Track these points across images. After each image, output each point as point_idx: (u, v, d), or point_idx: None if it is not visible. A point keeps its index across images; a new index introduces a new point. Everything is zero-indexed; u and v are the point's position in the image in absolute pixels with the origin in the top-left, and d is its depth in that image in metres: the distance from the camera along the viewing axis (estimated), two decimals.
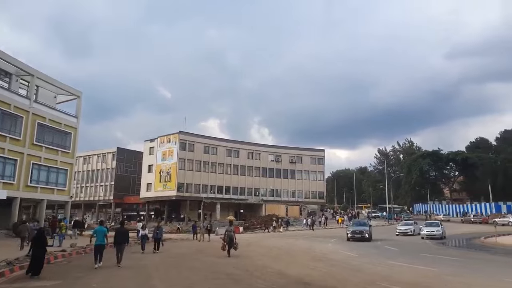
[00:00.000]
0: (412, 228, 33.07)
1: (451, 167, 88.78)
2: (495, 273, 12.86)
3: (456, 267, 14.48)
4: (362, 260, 17.04)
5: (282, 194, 66.76)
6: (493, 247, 22.98)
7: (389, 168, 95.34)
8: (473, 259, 17.73)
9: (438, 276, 12.49)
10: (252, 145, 68.15)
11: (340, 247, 23.27)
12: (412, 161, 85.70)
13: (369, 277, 12.34)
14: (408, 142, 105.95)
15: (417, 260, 16.31)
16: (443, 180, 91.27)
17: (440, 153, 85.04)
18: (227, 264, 15.60)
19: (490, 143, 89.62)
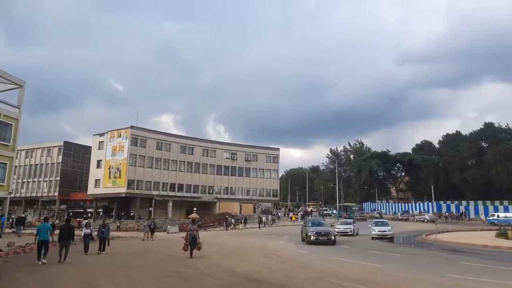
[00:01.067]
0: (351, 228, 31.24)
1: (398, 168, 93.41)
2: (436, 269, 13.46)
3: (401, 263, 15.04)
4: (312, 257, 17.29)
5: (236, 192, 66.66)
6: (433, 244, 24.25)
7: (340, 168, 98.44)
8: (416, 255, 18.55)
9: (384, 272, 12.87)
10: (207, 142, 67.42)
11: (291, 245, 23.53)
12: (362, 161, 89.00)
13: (318, 273, 12.50)
14: (358, 143, 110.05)
15: (365, 257, 16.78)
16: (391, 180, 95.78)
17: (388, 154, 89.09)
18: (177, 262, 15.18)
19: (434, 146, 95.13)
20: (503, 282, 10.84)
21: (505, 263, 15.13)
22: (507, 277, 11.63)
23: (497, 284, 10.67)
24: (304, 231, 25.24)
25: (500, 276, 11.85)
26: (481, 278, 11.33)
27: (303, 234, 25.20)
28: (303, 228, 26.01)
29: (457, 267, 13.92)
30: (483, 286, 10.53)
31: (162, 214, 54.57)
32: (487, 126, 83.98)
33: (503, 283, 10.70)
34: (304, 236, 24.77)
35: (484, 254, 18.32)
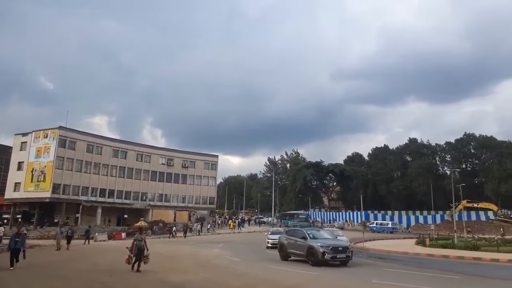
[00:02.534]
0: None
1: (331, 178, 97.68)
2: (364, 275, 14.01)
3: (332, 270, 15.49)
4: (246, 264, 17.22)
5: (171, 199, 64.86)
6: (361, 251, 25.37)
7: (276, 176, 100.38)
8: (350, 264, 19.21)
9: (316, 278, 13.19)
10: (142, 146, 64.96)
11: (225, 253, 23.26)
12: (297, 171, 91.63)
13: (251, 281, 12.43)
14: (295, 153, 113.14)
15: (299, 264, 17.04)
16: (323, 189, 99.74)
17: (322, 165, 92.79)
18: (102, 272, 14.22)
19: (364, 158, 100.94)
20: (419, 286, 11.60)
21: (422, 269, 16.23)
22: (423, 282, 12.48)
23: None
24: (290, 245, 17.98)
25: (418, 280, 12.69)
26: (402, 284, 12.01)
27: (290, 249, 17.98)
28: (286, 239, 18.69)
29: (382, 273, 14.62)
30: None
31: (91, 221, 51.18)
32: (411, 141, 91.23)
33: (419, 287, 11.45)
34: (294, 252, 17.77)
35: (405, 261, 19.52)
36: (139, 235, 14.95)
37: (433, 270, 15.79)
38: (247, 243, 31.94)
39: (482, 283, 12.99)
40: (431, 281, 12.85)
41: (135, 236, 15.23)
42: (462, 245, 24.82)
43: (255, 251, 24.28)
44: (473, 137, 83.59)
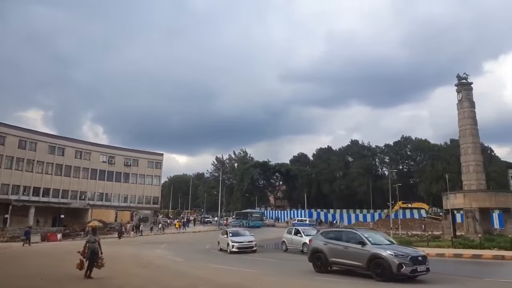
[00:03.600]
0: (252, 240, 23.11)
1: (277, 177, 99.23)
2: (307, 272, 14.06)
3: (273, 268, 15.63)
4: (188, 264, 16.94)
5: (112, 199, 62.13)
6: None
7: (224, 175, 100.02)
8: (289, 260, 19.50)
9: (256, 276, 13.19)
10: (81, 143, 61.56)
11: (168, 253, 22.66)
12: (245, 170, 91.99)
13: (192, 281, 12.21)
14: (243, 152, 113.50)
15: (240, 263, 17.00)
16: (270, 188, 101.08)
17: (269, 164, 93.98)
18: (31, 276, 13.14)
19: (309, 158, 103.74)
20: (357, 281, 12.04)
21: None
22: (363, 276, 12.94)
23: (353, 283, 11.79)
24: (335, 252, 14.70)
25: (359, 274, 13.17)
26: (344, 279, 12.36)
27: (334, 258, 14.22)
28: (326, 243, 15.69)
29: None
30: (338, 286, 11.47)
31: (22, 222, 47.51)
32: (353, 143, 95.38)
33: (356, 282, 11.89)
34: None
35: None
36: (93, 236, 13.28)
37: None
38: (191, 243, 31.45)
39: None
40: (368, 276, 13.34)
41: (88, 237, 13.63)
42: (397, 241, 26.11)
43: (199, 251, 23.92)
44: (410, 140, 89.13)
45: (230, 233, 23.04)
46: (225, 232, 24.05)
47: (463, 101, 31.06)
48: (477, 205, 27.65)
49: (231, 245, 21.48)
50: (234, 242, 21.66)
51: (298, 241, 22.42)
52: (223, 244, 22.90)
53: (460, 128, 31.16)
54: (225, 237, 22.85)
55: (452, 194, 30.15)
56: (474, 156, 29.94)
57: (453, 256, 19.30)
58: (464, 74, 31.82)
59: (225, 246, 22.42)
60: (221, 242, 23.66)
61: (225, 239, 22.73)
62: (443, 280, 12.16)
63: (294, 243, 22.82)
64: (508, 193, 32.57)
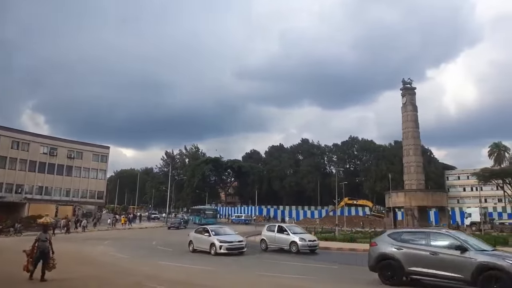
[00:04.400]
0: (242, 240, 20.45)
1: (229, 174, 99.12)
2: (258, 269, 14.11)
3: (221, 264, 15.46)
4: (133, 261, 16.40)
5: (53, 193, 58.50)
6: (252, 244, 25.97)
7: (174, 171, 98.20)
8: (241, 256, 19.38)
9: (202, 272, 13.01)
10: (19, 132, 57.21)
11: (112, 249, 21.73)
12: (196, 166, 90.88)
13: (136, 278, 11.77)
14: (194, 148, 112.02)
15: (189, 260, 16.68)
16: (221, 185, 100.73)
17: (221, 160, 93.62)
18: None
19: (261, 156, 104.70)
20: (301, 276, 12.25)
21: (306, 260, 17.19)
22: (305, 272, 13.24)
23: (295, 278, 11.96)
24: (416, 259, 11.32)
25: (299, 271, 13.42)
26: (290, 275, 12.50)
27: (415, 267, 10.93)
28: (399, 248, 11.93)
29: (272, 266, 14.98)
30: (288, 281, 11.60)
31: None
32: (304, 141, 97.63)
33: (301, 277, 12.07)
34: None
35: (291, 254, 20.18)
36: (43, 234, 11.79)
37: (316, 261, 16.83)
38: (136, 239, 30.48)
39: (354, 269, 14.16)
40: (313, 271, 13.63)
41: (38, 235, 11.88)
42: (342, 237, 27.08)
43: (144, 248, 23.17)
44: (357, 141, 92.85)
45: (212, 231, 19.65)
46: (203, 230, 20.42)
47: (407, 104, 32.75)
48: (416, 204, 29.35)
49: (218, 246, 18.26)
50: (223, 242, 18.47)
51: (284, 240, 20.42)
52: (202, 244, 19.56)
53: (403, 130, 32.86)
54: (206, 236, 19.52)
55: (394, 193, 31.75)
56: (415, 157, 31.71)
57: None
58: (408, 79, 33.62)
59: (204, 246, 19.23)
60: (196, 241, 20.17)
61: (205, 239, 19.43)
62: None
63: (278, 241, 20.75)
64: (443, 193, 34.94)
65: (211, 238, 18.99)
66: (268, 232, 21.61)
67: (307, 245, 19.83)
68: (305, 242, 19.78)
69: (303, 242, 19.72)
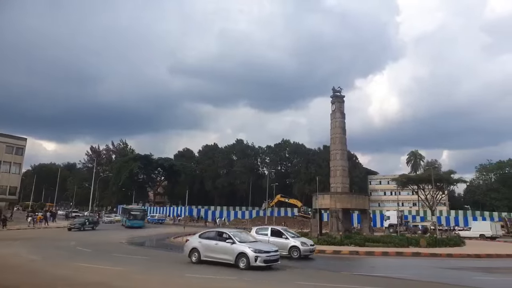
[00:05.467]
0: None
1: (159, 172, 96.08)
2: (177, 269, 13.87)
3: (143, 265, 14.83)
4: (47, 263, 15.08)
5: None
6: (180, 245, 25.33)
7: (99, 167, 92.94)
8: (161, 257, 18.83)
9: (123, 274, 12.37)
10: None
11: (23, 250, 19.74)
12: (123, 162, 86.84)
13: (50, 281, 10.93)
14: (123, 144, 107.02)
15: (107, 261, 15.70)
16: (150, 184, 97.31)
17: (151, 158, 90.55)
18: None
19: (194, 154, 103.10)
20: (228, 277, 12.13)
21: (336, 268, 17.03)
22: (234, 273, 13.11)
23: (220, 279, 11.87)
24: None
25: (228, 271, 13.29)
26: (214, 276, 12.35)
27: None
28: None
29: (197, 267, 14.67)
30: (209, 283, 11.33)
31: None
32: (238, 142, 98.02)
33: (227, 278, 11.96)
34: None
35: None
36: None
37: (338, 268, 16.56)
38: (51, 239, 28.12)
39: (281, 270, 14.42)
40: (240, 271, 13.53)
41: None
42: None
43: (61, 249, 21.41)
44: (289, 144, 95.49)
45: (235, 237, 14.78)
46: (217, 235, 15.40)
47: (336, 111, 34.22)
48: (340, 206, 30.70)
49: (253, 257, 13.62)
50: (258, 252, 13.86)
51: (281, 245, 17.70)
52: (219, 253, 14.65)
53: (331, 136, 34.25)
54: (228, 243, 14.50)
55: (321, 195, 32.91)
56: (341, 162, 33.22)
57: (318, 252, 20.93)
58: (338, 88, 35.07)
59: (224, 257, 14.44)
60: (206, 249, 15.05)
61: (226, 247, 14.45)
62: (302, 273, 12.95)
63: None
64: (366, 196, 36.98)
65: (238, 247, 14.17)
66: (259, 236, 18.25)
67: (309, 250, 18.11)
68: (307, 247, 18.03)
69: (305, 247, 17.94)
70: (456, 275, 14.83)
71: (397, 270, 15.54)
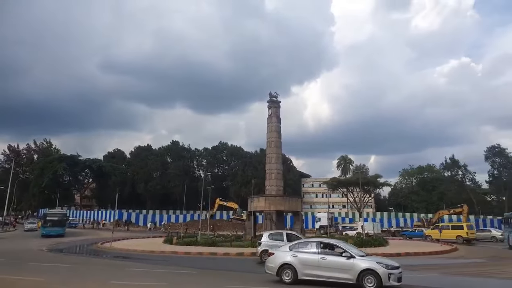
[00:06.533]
0: None
1: (86, 174, 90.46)
2: (103, 277, 13.01)
3: (66, 274, 13.73)
4: None
5: None
6: (107, 252, 23.93)
7: (18, 168, 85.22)
8: (86, 264, 17.55)
9: (43, 285, 11.18)
10: None
11: None
12: (46, 163, 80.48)
13: None
14: (46, 143, 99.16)
15: (23, 271, 14.18)
16: (76, 186, 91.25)
17: (78, 159, 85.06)
18: None
19: (126, 156, 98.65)
20: (157, 283, 11.61)
21: (165, 266, 16.53)
22: (162, 278, 12.69)
23: (147, 285, 11.33)
24: None
25: (158, 278, 12.81)
26: (141, 282, 11.67)
27: None
28: None
29: (124, 273, 14.02)
30: None
31: None
32: (174, 144, 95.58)
33: (157, 284, 11.43)
34: None
35: (150, 259, 19.50)
36: None
37: (175, 266, 16.25)
38: None
39: (214, 274, 14.13)
40: (170, 277, 13.05)
41: None
42: (203, 241, 27.05)
43: None
44: (226, 146, 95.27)
45: (347, 248, 11.85)
46: (319, 245, 12.13)
47: (272, 116, 34.75)
48: (275, 208, 31.12)
49: (386, 275, 10.72)
50: (392, 268, 11.03)
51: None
52: (327, 270, 11.45)
53: (267, 140, 34.71)
54: (340, 257, 11.48)
55: (256, 198, 33.14)
56: (276, 165, 33.76)
57: (250, 255, 20.91)
58: (275, 93, 35.66)
59: (337, 274, 11.29)
60: (307, 265, 11.75)
61: (337, 262, 11.39)
62: None
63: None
64: (298, 198, 37.95)
65: (360, 262, 11.21)
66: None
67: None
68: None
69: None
70: None
71: None
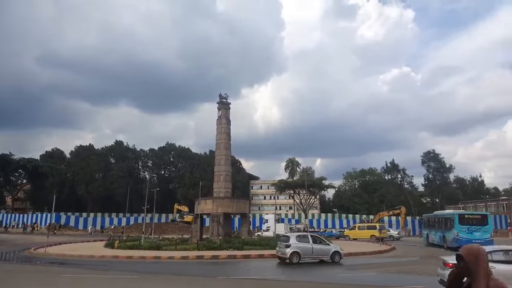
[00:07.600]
0: None
1: (20, 174, 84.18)
2: (34, 285, 12.10)
3: None
4: None
5: None
6: (41, 257, 22.31)
7: None
8: (15, 272, 16.15)
9: None
10: None
11: None
12: None
13: None
14: None
15: None
16: (8, 187, 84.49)
17: (11, 158, 78.82)
18: None
19: (65, 155, 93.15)
20: None
21: (104, 271, 15.72)
22: (102, 285, 11.97)
23: None
24: None
25: (97, 284, 12.07)
26: None
27: None
28: None
29: (58, 281, 13.09)
30: None
31: None
32: (117, 144, 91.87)
33: None
34: None
35: (89, 265, 18.48)
36: None
37: (115, 271, 15.52)
38: None
39: (156, 278, 13.67)
40: (109, 283, 12.41)
41: None
42: (147, 245, 26.15)
43: None
44: (174, 147, 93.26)
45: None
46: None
47: (221, 118, 34.53)
48: (222, 210, 30.90)
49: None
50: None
51: (324, 251, 20.10)
52: None
53: (217, 141, 34.44)
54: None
55: (203, 200, 32.71)
56: (225, 167, 33.55)
57: (196, 258, 20.53)
58: (225, 95, 35.50)
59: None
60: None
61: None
62: None
63: (317, 253, 19.92)
64: (246, 200, 38.00)
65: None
66: (301, 244, 19.83)
67: (343, 254, 20.39)
68: (343, 251, 20.37)
69: (343, 252, 20.28)
70: (323, 273, 15.97)
71: (271, 272, 16.05)
